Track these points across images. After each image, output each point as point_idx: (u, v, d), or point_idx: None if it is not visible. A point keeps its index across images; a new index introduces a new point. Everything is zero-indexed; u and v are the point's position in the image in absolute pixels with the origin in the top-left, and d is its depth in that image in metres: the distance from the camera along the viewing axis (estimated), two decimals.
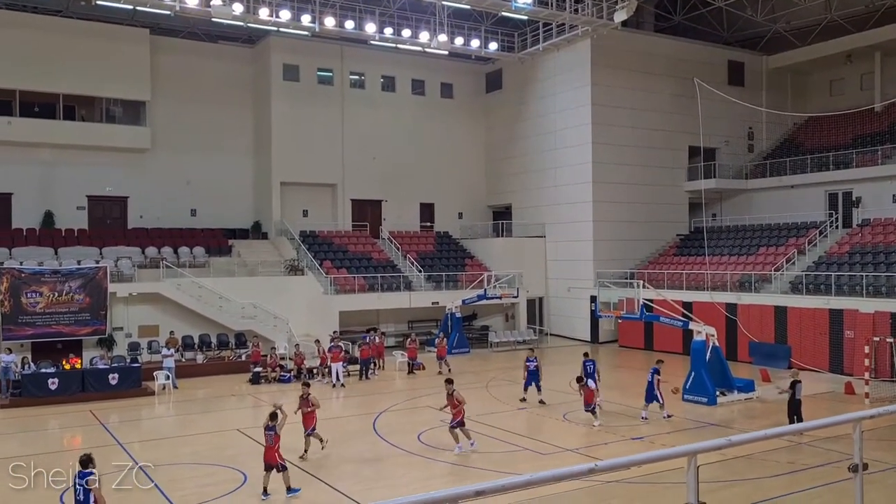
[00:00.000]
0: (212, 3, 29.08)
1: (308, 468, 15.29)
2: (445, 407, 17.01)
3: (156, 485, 14.07)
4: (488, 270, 36.62)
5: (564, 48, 36.89)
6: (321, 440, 16.40)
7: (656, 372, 19.87)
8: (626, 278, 30.69)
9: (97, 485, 10.32)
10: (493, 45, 37.66)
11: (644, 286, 26.72)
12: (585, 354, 22.61)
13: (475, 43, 36.85)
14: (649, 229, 37.65)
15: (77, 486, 10.31)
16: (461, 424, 16.61)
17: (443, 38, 34.16)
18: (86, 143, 34.23)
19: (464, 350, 33.09)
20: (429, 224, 42.18)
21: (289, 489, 13.70)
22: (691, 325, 23.17)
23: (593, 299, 31.97)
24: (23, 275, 26.94)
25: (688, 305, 28.63)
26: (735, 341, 29.48)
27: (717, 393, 21.77)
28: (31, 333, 26.99)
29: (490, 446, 17.19)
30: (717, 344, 22.59)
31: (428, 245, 39.86)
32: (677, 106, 37.49)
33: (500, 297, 34.98)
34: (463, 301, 33.99)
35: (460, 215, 43.10)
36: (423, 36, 34.94)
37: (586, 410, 19.18)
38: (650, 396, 19.72)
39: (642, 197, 37.26)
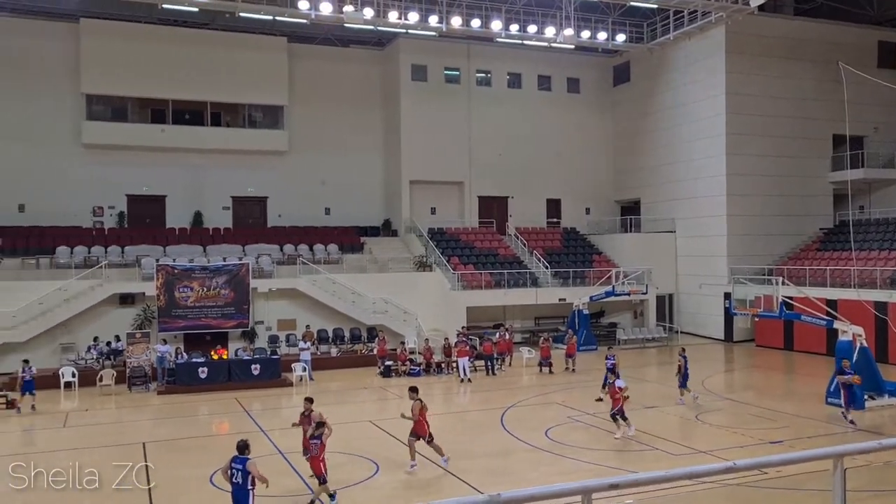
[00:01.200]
0: (344, 9, 30.13)
1: (438, 460, 15.64)
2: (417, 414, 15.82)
3: (295, 470, 14.86)
4: (616, 267, 35.98)
5: (696, 36, 35.61)
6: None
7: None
8: (764, 275, 29.28)
9: (256, 466, 10.94)
10: (620, 37, 36.90)
11: (784, 283, 25.45)
12: (609, 347, 22.73)
13: (602, 35, 36.22)
14: (788, 223, 35.79)
15: (233, 470, 10.98)
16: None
17: (569, 32, 33.82)
18: (230, 147, 36.44)
19: (591, 347, 32.68)
20: (555, 220, 41.91)
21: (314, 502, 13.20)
22: (836, 324, 21.87)
23: (727, 296, 30.75)
24: (175, 271, 28.99)
25: (832, 303, 27.01)
26: (885, 342, 27.52)
27: (866, 397, 20.44)
28: (183, 325, 28.99)
29: (619, 444, 16.97)
30: (865, 344, 21.19)
31: (554, 241, 39.63)
32: (819, 92, 35.39)
33: (628, 294, 34.30)
34: (590, 298, 33.59)
35: (587, 211, 42.55)
36: (549, 31, 34.72)
37: (613, 415, 17.69)
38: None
39: (781, 189, 35.46)
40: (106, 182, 34.64)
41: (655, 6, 34.07)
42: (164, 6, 30.55)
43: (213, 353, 26.38)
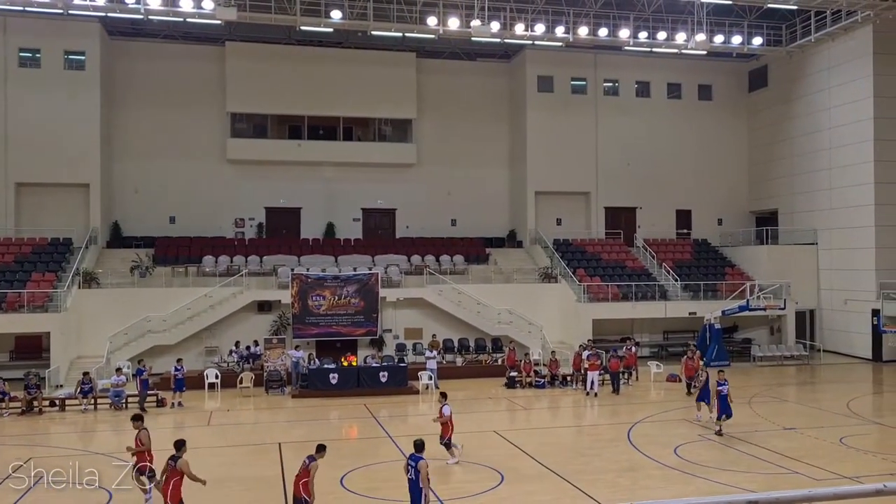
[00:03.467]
0: (471, 23, 30.61)
1: (563, 473, 15.52)
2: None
3: None
4: (751, 280, 34.44)
5: (840, 37, 33.72)
6: None
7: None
8: None
9: (426, 468, 11.56)
10: (757, 41, 35.50)
11: None
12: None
13: (737, 40, 34.99)
14: None
15: (409, 466, 11.62)
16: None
17: (701, 37, 32.82)
18: (361, 161, 37.76)
19: (723, 363, 31.36)
20: (685, 231, 40.64)
21: None
22: None
23: (875, 313, 28.78)
24: (309, 280, 30.28)
25: None
26: None
27: None
28: (315, 333, 30.22)
29: (755, 467, 16.23)
30: None
31: (685, 253, 38.41)
32: None
33: (764, 309, 32.70)
34: (723, 312, 32.32)
35: (720, 222, 40.98)
36: (680, 37, 33.88)
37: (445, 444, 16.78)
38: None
39: None
40: (247, 195, 36.75)
41: (795, 7, 32.57)
42: (302, 28, 32.16)
43: (343, 359, 27.32)
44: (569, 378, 27.42)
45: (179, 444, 12.45)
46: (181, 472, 12.01)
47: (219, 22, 30.78)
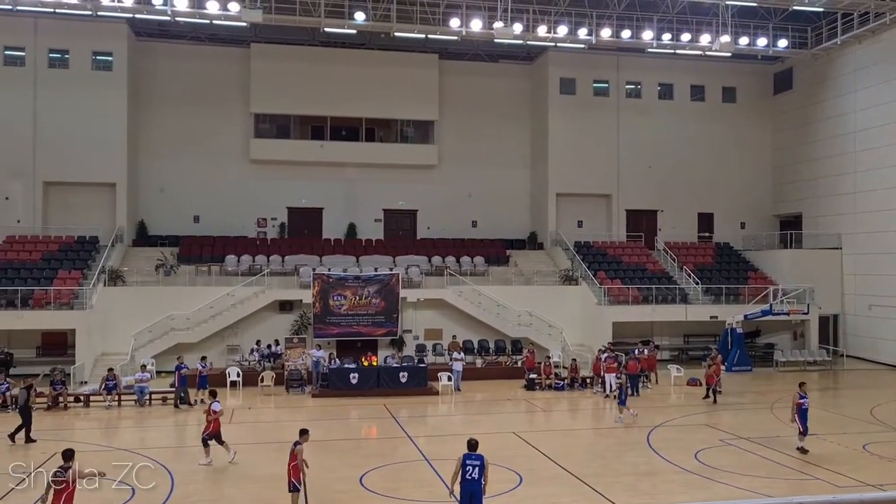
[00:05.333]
0: (494, 25, 30.66)
1: (582, 476, 15.54)
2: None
3: (439, 476, 15.22)
4: (774, 284, 34.15)
5: (867, 40, 33.38)
6: None
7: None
8: None
9: (488, 468, 11.72)
10: (782, 43, 35.22)
11: None
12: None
13: (762, 42, 34.74)
14: None
15: (469, 466, 11.61)
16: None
17: (725, 39, 32.64)
18: (383, 162, 37.93)
19: (745, 368, 31.23)
20: (707, 234, 40.39)
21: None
22: None
23: None
24: (330, 280, 30.48)
25: None
26: None
27: None
28: (336, 332, 30.41)
29: (776, 472, 16.13)
30: None
31: (706, 256, 38.17)
32: None
33: (787, 314, 32.40)
34: (745, 316, 32.09)
35: (742, 225, 40.68)
36: (704, 39, 33.71)
37: (204, 440, 16.68)
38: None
39: None
40: (269, 195, 37.06)
41: (821, 9, 32.32)
42: (326, 29, 32.38)
43: (363, 359, 27.49)
44: (588, 381, 27.36)
45: (303, 432, 13.46)
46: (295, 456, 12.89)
47: (244, 24, 31.07)
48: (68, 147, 33.49)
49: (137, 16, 31.14)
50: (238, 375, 27.04)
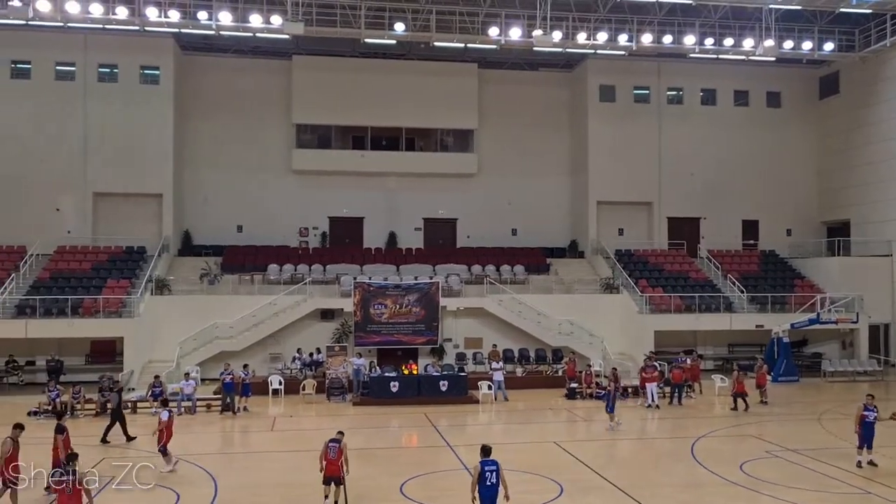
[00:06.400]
0: (533, 33, 30.64)
1: (624, 486, 15.36)
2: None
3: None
4: (822, 292, 33.44)
5: None
6: None
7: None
8: None
9: (503, 472, 11.92)
10: (828, 46, 34.59)
11: None
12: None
13: (807, 45, 34.16)
14: None
15: (487, 472, 11.75)
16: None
17: (769, 43, 32.16)
18: (423, 171, 38.12)
19: (792, 378, 30.56)
20: (752, 242, 39.71)
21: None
22: None
23: None
24: (371, 288, 30.68)
25: None
26: None
27: None
28: (377, 341, 30.58)
29: (826, 485, 15.72)
30: None
31: (751, 264, 37.52)
32: None
33: (835, 323, 31.68)
34: (791, 325, 31.47)
35: (788, 232, 39.90)
36: (748, 43, 33.26)
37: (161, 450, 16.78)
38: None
39: None
40: (311, 205, 37.50)
41: (869, 11, 31.62)
42: (366, 40, 32.72)
43: (403, 367, 27.56)
44: (629, 390, 27.05)
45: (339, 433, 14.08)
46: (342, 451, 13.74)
47: (286, 36, 31.55)
48: (117, 159, 34.36)
49: (183, 30, 31.83)
50: (280, 383, 27.34)
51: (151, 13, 29.69)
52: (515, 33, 31.51)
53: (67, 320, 28.62)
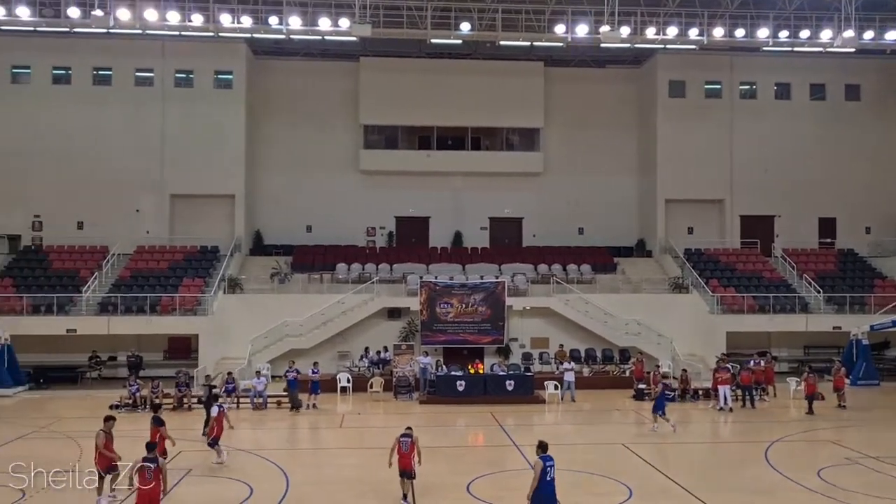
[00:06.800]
0: (600, 29, 30.26)
1: (695, 491, 15.07)
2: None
3: None
4: None
5: None
6: None
7: None
8: None
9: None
10: None
11: None
12: None
13: (890, 35, 32.69)
14: None
15: (548, 468, 11.90)
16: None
17: (849, 34, 30.92)
18: (489, 170, 38.17)
19: (872, 382, 29.44)
20: (829, 240, 38.37)
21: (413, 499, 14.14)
22: None
23: None
24: (437, 287, 30.86)
25: None
26: None
27: None
28: (443, 340, 30.74)
29: None
30: None
31: (828, 263, 36.26)
32: None
33: None
34: (871, 327, 30.30)
35: (867, 230, 38.44)
36: (825, 34, 32.07)
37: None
38: None
39: None
40: (378, 205, 37.96)
41: None
42: (432, 41, 32.90)
43: (470, 367, 27.63)
44: (700, 392, 26.49)
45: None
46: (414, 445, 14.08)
47: (354, 38, 31.99)
48: (192, 161, 35.48)
49: (255, 35, 32.61)
50: (348, 381, 27.77)
51: (225, 19, 30.51)
52: (582, 30, 31.17)
53: (146, 318, 29.74)
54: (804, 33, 32.47)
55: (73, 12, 29.27)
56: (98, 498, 13.86)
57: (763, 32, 32.37)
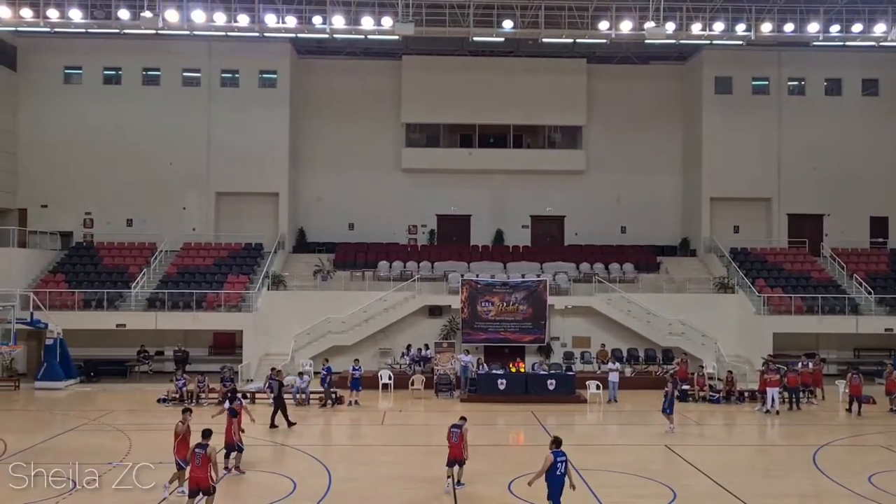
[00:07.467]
0: (645, 25, 29.88)
1: (741, 495, 14.84)
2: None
3: (588, 487, 15.03)
4: None
5: None
6: None
7: None
8: None
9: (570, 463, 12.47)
10: None
11: None
12: None
13: None
14: None
15: (558, 463, 12.27)
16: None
17: None
18: (530, 168, 38.00)
19: None
20: (881, 240, 37.34)
21: (459, 482, 14.95)
22: None
23: None
24: (478, 286, 30.84)
25: None
26: None
27: None
28: (484, 338, 30.71)
29: None
30: None
31: (880, 264, 35.30)
32: None
33: None
34: None
35: None
36: (879, 28, 31.20)
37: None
38: None
39: None
40: (419, 203, 38.07)
41: None
42: (474, 39, 32.86)
43: (511, 365, 27.56)
44: (746, 394, 26.02)
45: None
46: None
47: (396, 37, 32.12)
48: (237, 160, 35.99)
49: (299, 35, 32.95)
50: (390, 378, 27.93)
51: (270, 20, 30.87)
52: (626, 26, 30.80)
53: (192, 313, 30.26)
54: (856, 27, 31.64)
55: (123, 14, 29.91)
56: (166, 484, 14.24)
57: (813, 27, 31.61)
